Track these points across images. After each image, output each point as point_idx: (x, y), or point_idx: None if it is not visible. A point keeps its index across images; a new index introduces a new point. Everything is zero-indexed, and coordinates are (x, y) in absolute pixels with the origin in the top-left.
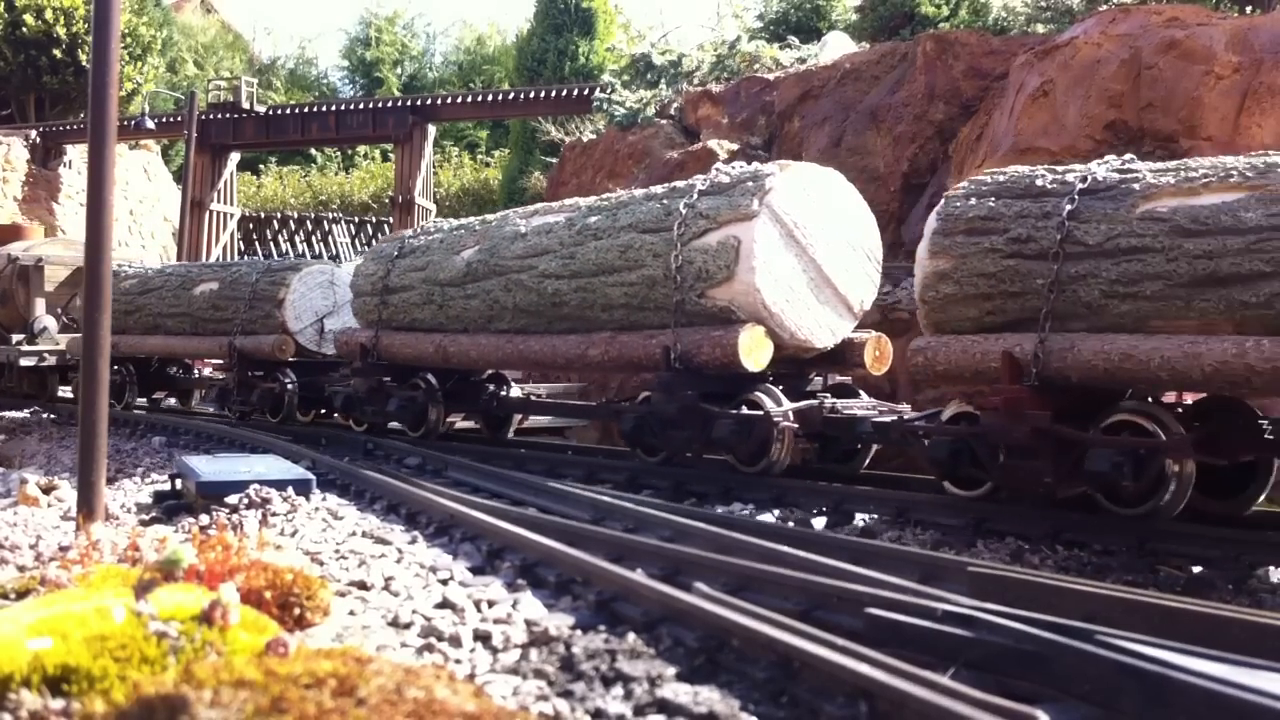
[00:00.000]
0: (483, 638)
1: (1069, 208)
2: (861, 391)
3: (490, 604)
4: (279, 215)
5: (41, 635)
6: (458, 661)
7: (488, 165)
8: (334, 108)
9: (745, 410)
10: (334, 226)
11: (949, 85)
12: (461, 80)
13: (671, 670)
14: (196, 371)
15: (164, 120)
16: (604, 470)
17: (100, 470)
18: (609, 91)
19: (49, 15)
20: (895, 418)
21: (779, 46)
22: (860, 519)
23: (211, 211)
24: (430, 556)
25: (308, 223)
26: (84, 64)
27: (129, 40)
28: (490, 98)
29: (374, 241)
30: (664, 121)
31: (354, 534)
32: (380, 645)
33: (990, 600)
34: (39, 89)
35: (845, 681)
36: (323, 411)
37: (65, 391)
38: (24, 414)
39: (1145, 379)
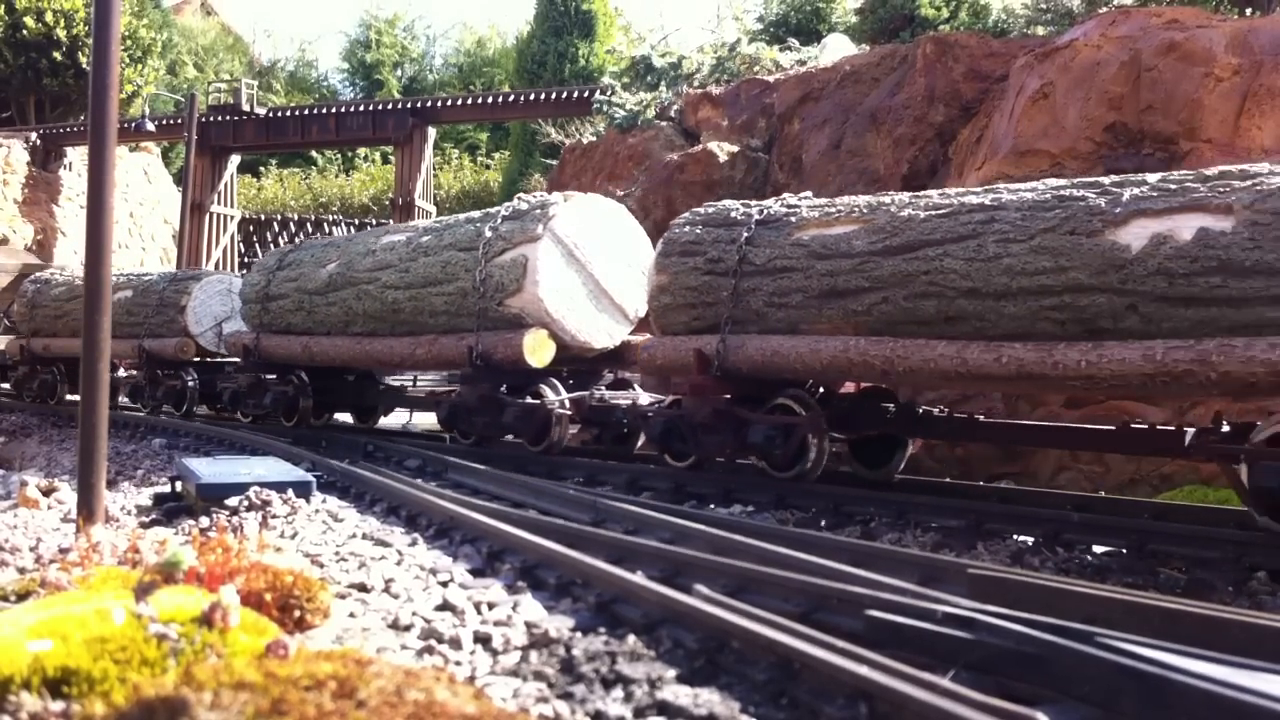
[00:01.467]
0: (483, 640)
1: (746, 235)
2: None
3: (490, 606)
4: (279, 217)
5: (42, 637)
6: (458, 664)
7: (488, 168)
8: (334, 110)
9: (529, 400)
10: (334, 229)
11: (949, 87)
12: (461, 82)
13: (671, 672)
14: (123, 371)
15: (164, 122)
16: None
17: (100, 472)
18: (609, 94)
19: (49, 18)
20: (630, 403)
21: (779, 48)
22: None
23: (212, 214)
24: (430, 558)
25: (308, 225)
26: (84, 66)
27: (129, 43)
28: (490, 100)
29: None
30: (664, 124)
31: (354, 536)
32: (380, 647)
33: (990, 602)
34: (39, 91)
35: (845, 683)
36: (218, 405)
37: (5, 386)
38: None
39: (787, 371)
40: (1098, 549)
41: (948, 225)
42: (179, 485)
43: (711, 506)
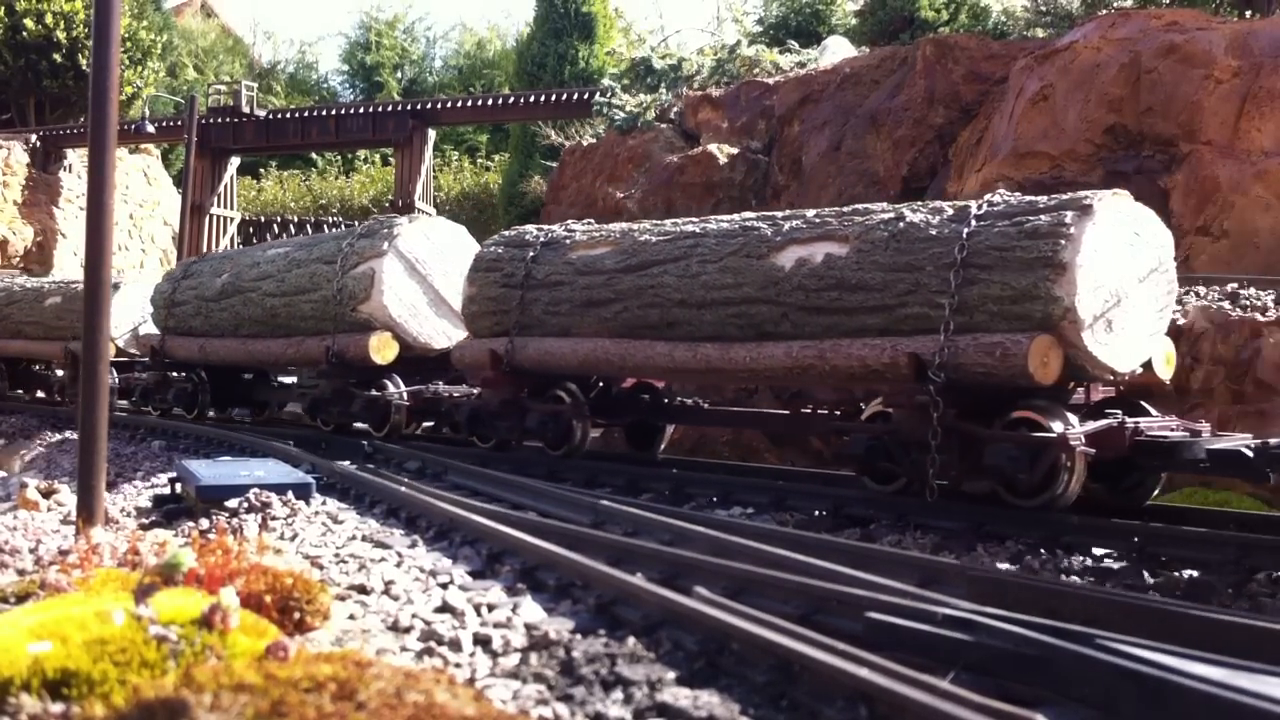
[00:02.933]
0: (482, 642)
1: (532, 254)
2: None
3: (490, 608)
4: (279, 219)
5: (41, 639)
6: (458, 665)
7: (488, 169)
8: (334, 112)
9: (374, 392)
10: (334, 230)
11: (949, 89)
12: (461, 84)
13: (671, 674)
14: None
15: (164, 124)
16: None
17: (100, 474)
18: (609, 95)
19: (49, 20)
20: (449, 396)
21: (779, 50)
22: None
23: (212, 215)
24: (430, 560)
25: (308, 226)
26: (84, 68)
27: (129, 45)
28: (490, 102)
29: None
30: (664, 125)
31: (354, 538)
32: (380, 649)
33: (990, 604)
34: (39, 93)
35: (845, 685)
36: (133, 399)
37: None
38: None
39: (557, 367)
40: (1097, 551)
41: (669, 248)
42: (179, 487)
43: (714, 501)
